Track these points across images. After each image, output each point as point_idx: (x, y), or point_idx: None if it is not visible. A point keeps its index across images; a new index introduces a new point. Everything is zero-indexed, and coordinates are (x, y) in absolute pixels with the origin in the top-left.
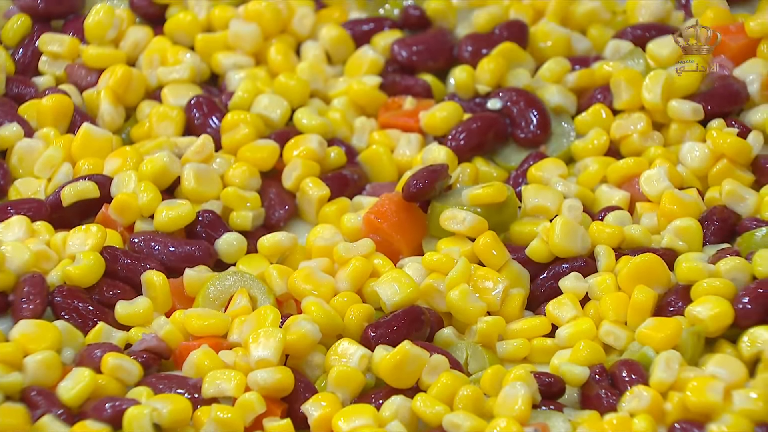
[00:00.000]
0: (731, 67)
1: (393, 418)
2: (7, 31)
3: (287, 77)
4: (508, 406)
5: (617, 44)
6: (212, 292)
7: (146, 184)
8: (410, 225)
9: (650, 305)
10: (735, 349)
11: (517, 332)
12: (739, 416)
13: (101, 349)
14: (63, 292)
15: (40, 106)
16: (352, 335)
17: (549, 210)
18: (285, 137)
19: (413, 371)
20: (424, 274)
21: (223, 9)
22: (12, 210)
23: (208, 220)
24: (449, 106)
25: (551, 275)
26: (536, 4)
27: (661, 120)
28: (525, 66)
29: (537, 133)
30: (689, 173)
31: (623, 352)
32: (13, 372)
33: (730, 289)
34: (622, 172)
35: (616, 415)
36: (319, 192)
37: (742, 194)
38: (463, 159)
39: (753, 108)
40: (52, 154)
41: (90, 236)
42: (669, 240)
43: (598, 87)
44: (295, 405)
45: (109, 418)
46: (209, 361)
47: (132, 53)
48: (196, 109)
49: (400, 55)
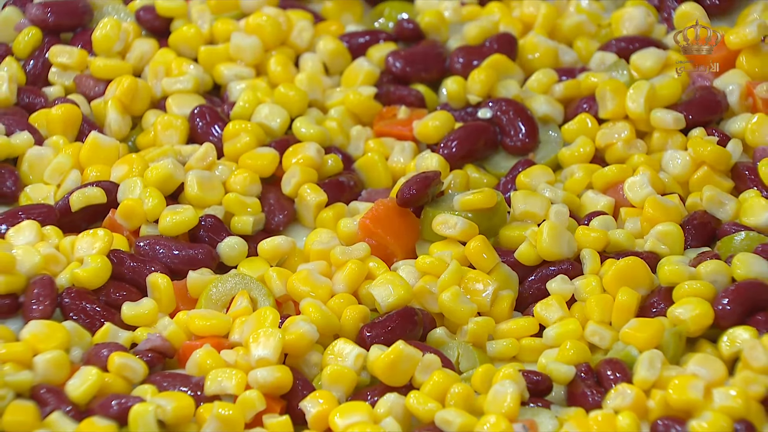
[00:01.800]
0: (711, 78)
1: (387, 415)
2: (18, 43)
3: (286, 88)
4: (498, 403)
5: (602, 56)
6: (214, 293)
7: (151, 190)
8: (404, 229)
9: (634, 306)
10: (715, 349)
11: (507, 332)
12: (718, 413)
13: (108, 349)
14: (71, 294)
15: (50, 115)
16: (348, 335)
17: (537, 215)
18: (284, 145)
19: (407, 370)
20: (417, 277)
21: (225, 22)
22: (23, 215)
23: (210, 225)
24: (441, 115)
25: (539, 278)
26: (525, 18)
27: (644, 129)
28: (514, 77)
29: (525, 142)
30: (671, 180)
31: (608, 352)
32: (24, 370)
33: (710, 291)
34: (607, 178)
35: (601, 412)
36: (317, 198)
37: (722, 200)
38: (454, 166)
39: (732, 117)
40: (61, 162)
41: (97, 240)
42: (652, 244)
43: (584, 97)
44: (293, 402)
45: (115, 414)
46: (211, 360)
47: (138, 65)
48: (199, 118)
49: (395, 67)
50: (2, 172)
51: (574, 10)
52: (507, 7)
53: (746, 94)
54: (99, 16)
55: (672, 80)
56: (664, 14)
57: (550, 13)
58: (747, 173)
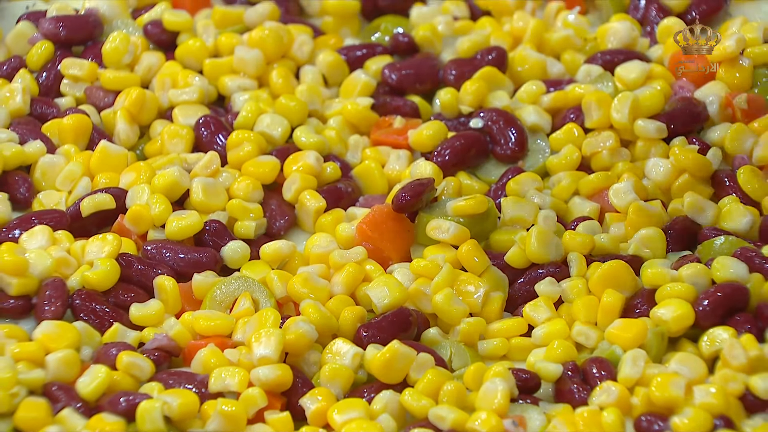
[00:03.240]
0: (692, 90)
1: (383, 411)
2: (31, 56)
3: (287, 98)
4: (489, 400)
5: (588, 68)
6: (218, 295)
7: (158, 196)
8: (399, 234)
9: (618, 307)
10: (696, 348)
11: (497, 332)
12: (699, 410)
13: (116, 348)
14: (82, 296)
15: (62, 125)
16: (346, 335)
17: (526, 220)
18: (285, 153)
19: (402, 368)
20: (411, 279)
21: (229, 36)
22: (35, 220)
23: (214, 230)
24: (435, 125)
25: (528, 280)
26: (514, 32)
27: (628, 138)
28: (504, 88)
29: (515, 150)
30: (654, 186)
31: (594, 351)
32: (36, 369)
33: (691, 293)
34: (593, 185)
35: (587, 409)
36: (316, 204)
37: (703, 206)
38: (447, 173)
39: (712, 127)
40: (73, 169)
41: (107, 244)
42: (635, 248)
43: (571, 108)
44: (293, 399)
45: (123, 411)
46: (215, 358)
47: (146, 77)
48: (204, 127)
49: (391, 78)
50: (16, 179)
51: (562, 24)
52: (497, 22)
53: (725, 105)
54: (108, 30)
55: (655, 91)
56: (647, 29)
57: (538, 28)
58: (726, 180)
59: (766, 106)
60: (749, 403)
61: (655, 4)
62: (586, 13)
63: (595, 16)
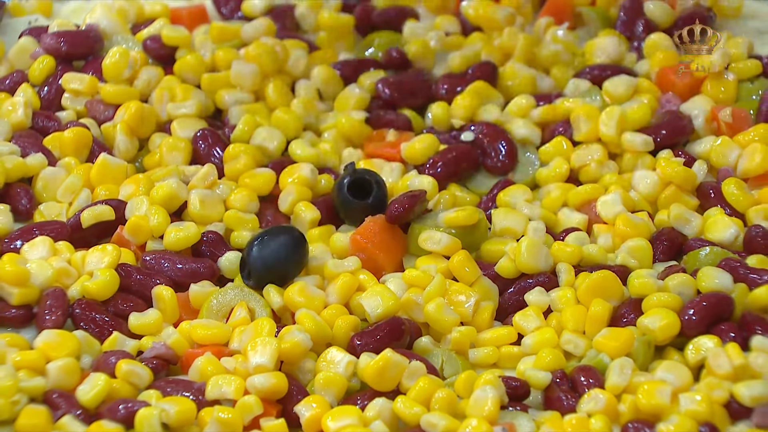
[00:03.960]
0: (678, 103)
1: (376, 418)
2: (33, 70)
3: (283, 112)
4: (479, 407)
5: (577, 83)
6: (215, 304)
7: (157, 208)
8: (392, 244)
9: (606, 317)
10: (681, 356)
11: (487, 341)
12: (685, 417)
13: (116, 356)
14: (82, 305)
15: (63, 138)
16: (340, 343)
17: (516, 231)
18: (281, 166)
19: (394, 376)
20: (404, 289)
21: (226, 51)
22: (37, 231)
23: (211, 240)
24: (427, 138)
25: (518, 289)
26: (505, 47)
27: (615, 150)
28: (495, 102)
29: (505, 162)
30: (641, 198)
31: (582, 359)
32: (37, 376)
33: (677, 303)
34: (581, 197)
35: (575, 416)
36: (311, 215)
37: (688, 217)
38: (439, 186)
39: (698, 140)
40: (73, 181)
41: (106, 255)
42: (622, 258)
43: (560, 121)
44: (288, 406)
45: (122, 418)
46: (212, 366)
47: (145, 90)
48: (201, 140)
49: (384, 93)
50: (18, 191)
51: (551, 39)
52: (488, 37)
53: (711, 119)
54: (109, 45)
55: (642, 105)
56: (635, 44)
57: (528, 43)
58: (711, 192)
59: (750, 120)
60: (734, 411)
61: (641, 19)
62: (575, 29)
63: (584, 31)
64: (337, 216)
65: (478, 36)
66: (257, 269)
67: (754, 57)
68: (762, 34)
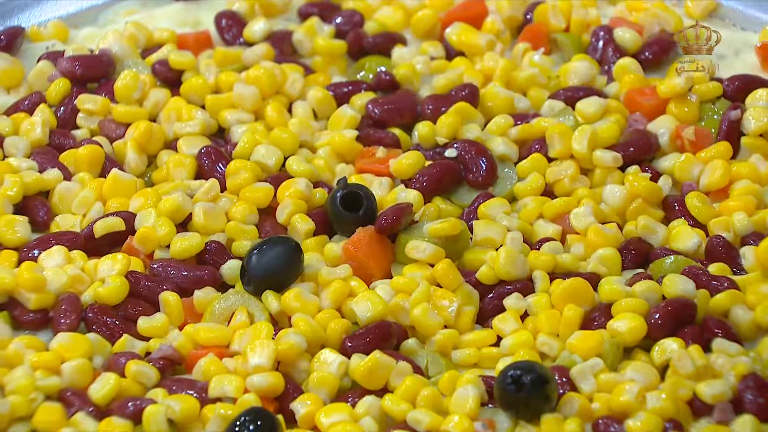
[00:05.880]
0: (645, 123)
1: (366, 415)
2: (50, 92)
3: (281, 131)
4: (461, 405)
5: (552, 104)
6: (217, 309)
7: (164, 219)
8: (381, 253)
9: (578, 320)
10: (648, 357)
11: (469, 342)
12: (651, 414)
13: (125, 357)
14: (94, 309)
15: (77, 155)
16: (333, 345)
17: (495, 241)
18: (278, 180)
19: (383, 375)
20: (392, 295)
21: (228, 74)
22: (53, 241)
23: (214, 249)
24: (414, 154)
25: (497, 295)
26: (485, 71)
27: (587, 166)
28: (476, 121)
29: (485, 177)
30: (610, 210)
31: (556, 359)
32: (53, 376)
33: (644, 307)
34: (555, 209)
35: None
36: (306, 226)
37: (654, 228)
38: (425, 199)
39: (663, 156)
40: (87, 195)
41: (117, 263)
42: (593, 266)
43: (536, 139)
44: (285, 403)
45: (131, 414)
46: (214, 367)
47: (153, 111)
48: (205, 157)
49: (374, 113)
50: (35, 204)
51: (528, 64)
52: (470, 62)
53: (675, 137)
54: (120, 68)
55: (611, 124)
56: (605, 67)
57: (507, 67)
58: (675, 205)
59: (712, 138)
60: (696, 408)
61: (611, 45)
62: (550, 54)
63: (558, 56)
64: (331, 227)
65: (461, 60)
66: (256, 276)
67: (715, 80)
68: (722, 58)
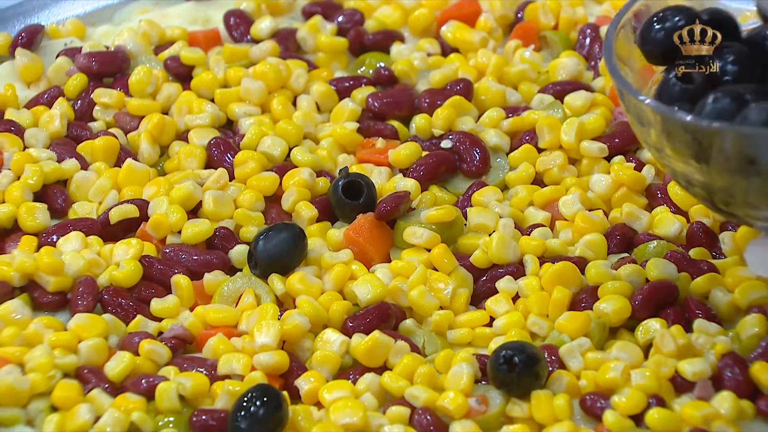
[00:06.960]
0: None
1: (366, 391)
2: (68, 86)
3: (286, 123)
4: (456, 382)
5: (541, 97)
6: (226, 291)
7: (175, 207)
8: (380, 239)
9: (566, 302)
10: (632, 337)
11: (463, 323)
12: (635, 390)
13: (139, 337)
14: (110, 292)
15: (94, 146)
16: (335, 325)
17: (488, 227)
18: (284, 170)
19: (382, 354)
20: (391, 277)
21: (236, 70)
22: (71, 227)
23: (223, 235)
24: (411, 145)
25: (489, 278)
26: (479, 66)
27: (575, 156)
28: (470, 114)
29: (479, 167)
30: (597, 198)
31: (545, 339)
32: (70, 354)
33: (628, 290)
34: (545, 197)
35: (541, 391)
36: (310, 213)
37: (638, 215)
38: (422, 187)
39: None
40: (103, 183)
41: (131, 248)
42: (581, 250)
43: (527, 131)
44: (290, 380)
45: (144, 390)
46: (223, 346)
47: (165, 104)
48: (215, 148)
49: (374, 106)
50: (54, 192)
51: (519, 60)
52: (465, 58)
53: None
54: (134, 64)
55: (598, 117)
56: (592, 63)
57: (499, 63)
58: (658, 193)
59: None
60: (678, 385)
61: (598, 42)
62: (540, 50)
63: (547, 52)
64: (333, 214)
65: (456, 56)
66: (263, 260)
67: None
68: None
